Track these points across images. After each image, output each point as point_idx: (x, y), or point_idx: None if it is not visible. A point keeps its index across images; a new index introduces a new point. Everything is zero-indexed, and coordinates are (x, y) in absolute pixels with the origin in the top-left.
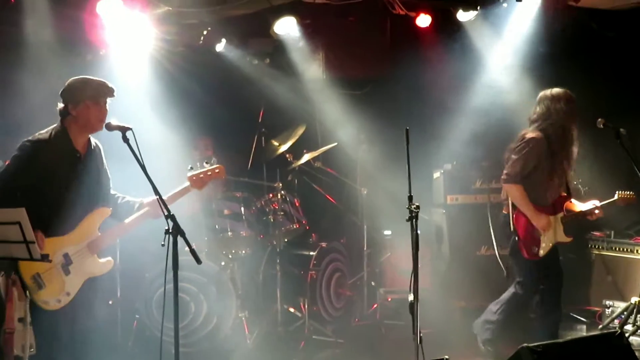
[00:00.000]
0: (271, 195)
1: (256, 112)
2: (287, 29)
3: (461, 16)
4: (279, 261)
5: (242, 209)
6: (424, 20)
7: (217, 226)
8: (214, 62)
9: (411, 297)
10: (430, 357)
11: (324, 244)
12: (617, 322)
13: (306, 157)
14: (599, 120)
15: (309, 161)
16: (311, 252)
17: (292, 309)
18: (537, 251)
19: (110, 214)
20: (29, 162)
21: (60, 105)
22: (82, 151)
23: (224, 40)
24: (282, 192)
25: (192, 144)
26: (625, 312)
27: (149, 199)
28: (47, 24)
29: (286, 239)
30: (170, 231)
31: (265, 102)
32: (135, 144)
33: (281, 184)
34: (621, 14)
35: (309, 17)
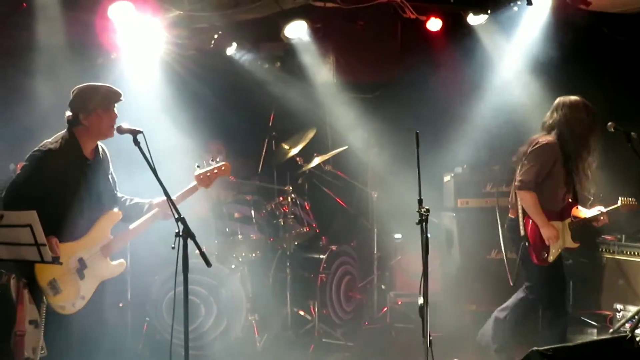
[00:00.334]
0: (281, 198)
1: (267, 115)
2: (297, 33)
3: (472, 20)
4: (289, 264)
5: (252, 212)
6: (434, 24)
7: (227, 229)
8: (225, 66)
9: (421, 301)
10: None
11: (334, 247)
12: (628, 326)
13: (316, 161)
14: (609, 123)
15: (319, 165)
16: (321, 255)
17: (302, 312)
18: (546, 257)
19: (121, 217)
20: (40, 172)
21: (68, 114)
22: (90, 157)
23: (234, 44)
24: (293, 195)
25: (203, 147)
26: (636, 316)
27: (157, 200)
28: (58, 28)
29: (296, 242)
30: (180, 234)
31: (275, 105)
32: (146, 147)
33: (291, 187)
34: (632, 18)
35: (320, 21)
